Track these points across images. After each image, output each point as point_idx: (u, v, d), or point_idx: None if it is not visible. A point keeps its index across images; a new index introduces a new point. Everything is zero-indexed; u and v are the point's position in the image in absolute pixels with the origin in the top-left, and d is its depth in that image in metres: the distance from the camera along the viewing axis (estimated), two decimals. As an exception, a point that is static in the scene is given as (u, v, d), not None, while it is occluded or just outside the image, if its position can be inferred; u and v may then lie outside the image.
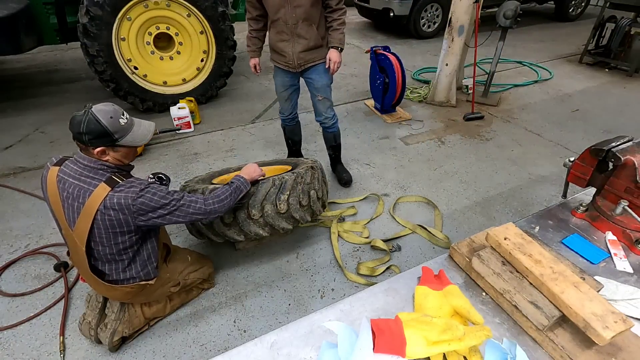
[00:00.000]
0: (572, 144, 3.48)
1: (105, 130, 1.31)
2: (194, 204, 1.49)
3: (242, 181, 1.70)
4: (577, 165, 1.30)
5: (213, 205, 1.54)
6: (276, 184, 1.86)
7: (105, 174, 1.38)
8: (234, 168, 2.57)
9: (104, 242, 1.42)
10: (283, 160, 2.51)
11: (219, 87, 4.22)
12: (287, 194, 1.86)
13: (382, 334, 0.80)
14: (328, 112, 2.57)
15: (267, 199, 1.83)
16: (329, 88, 2.47)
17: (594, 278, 0.94)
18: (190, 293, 1.96)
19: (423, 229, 2.41)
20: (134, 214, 1.37)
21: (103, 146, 1.35)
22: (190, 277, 1.84)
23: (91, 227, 1.37)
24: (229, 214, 1.81)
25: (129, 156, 1.47)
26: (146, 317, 1.77)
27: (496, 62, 4.10)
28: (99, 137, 1.32)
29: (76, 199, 1.36)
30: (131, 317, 1.71)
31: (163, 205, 1.41)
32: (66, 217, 1.41)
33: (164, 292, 1.75)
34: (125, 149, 1.42)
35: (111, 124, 1.32)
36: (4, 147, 3.36)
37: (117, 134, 1.35)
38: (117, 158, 1.42)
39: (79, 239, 1.41)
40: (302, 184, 1.93)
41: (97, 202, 1.33)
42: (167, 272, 1.74)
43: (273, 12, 2.15)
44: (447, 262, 1.12)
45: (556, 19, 8.25)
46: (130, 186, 1.37)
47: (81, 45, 3.42)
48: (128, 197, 1.34)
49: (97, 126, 1.30)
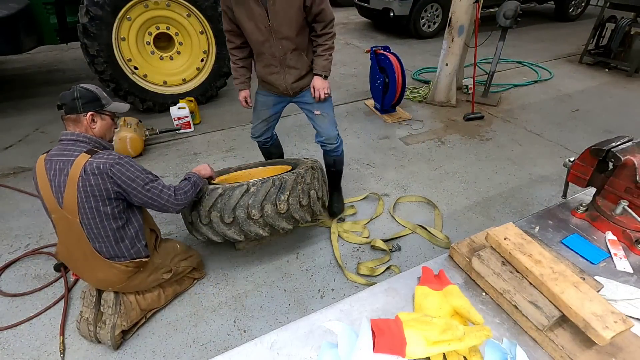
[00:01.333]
0: (572, 144, 3.48)
1: (96, 94, 1.55)
2: (165, 189, 1.61)
3: (197, 176, 1.83)
4: (577, 165, 1.30)
5: (182, 196, 1.66)
6: (276, 184, 1.86)
7: (87, 146, 1.52)
8: (234, 168, 2.57)
9: (89, 213, 1.49)
10: (283, 160, 2.50)
11: (219, 87, 4.23)
12: (287, 194, 1.86)
13: (382, 334, 0.80)
14: (329, 131, 2.18)
15: (267, 199, 1.83)
16: (326, 103, 2.14)
17: (594, 278, 0.94)
18: (183, 283, 2.00)
19: (423, 229, 2.41)
20: (111, 179, 1.47)
21: (93, 110, 1.54)
22: (181, 265, 1.91)
23: (77, 199, 1.47)
24: (229, 213, 1.81)
25: (110, 130, 1.65)
26: (142, 308, 1.80)
27: (496, 62, 4.10)
28: (90, 101, 1.53)
29: (61, 171, 1.47)
30: (127, 309, 1.74)
31: (138, 177, 1.53)
32: (54, 195, 1.49)
33: (157, 278, 1.81)
34: (108, 118, 1.62)
35: (99, 91, 1.58)
36: (4, 147, 3.36)
37: (104, 100, 1.59)
38: (102, 129, 1.59)
39: (70, 212, 1.49)
40: (302, 184, 1.93)
41: (78, 169, 1.45)
42: (158, 257, 1.81)
43: (257, 46, 1.95)
44: (447, 262, 1.12)
45: (556, 19, 8.25)
46: (109, 154, 1.50)
47: (81, 45, 3.42)
48: (107, 162, 1.46)
49: (88, 92, 1.54)
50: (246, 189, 1.83)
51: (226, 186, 1.86)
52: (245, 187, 1.84)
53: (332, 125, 2.18)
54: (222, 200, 1.83)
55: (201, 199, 1.87)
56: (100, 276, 1.64)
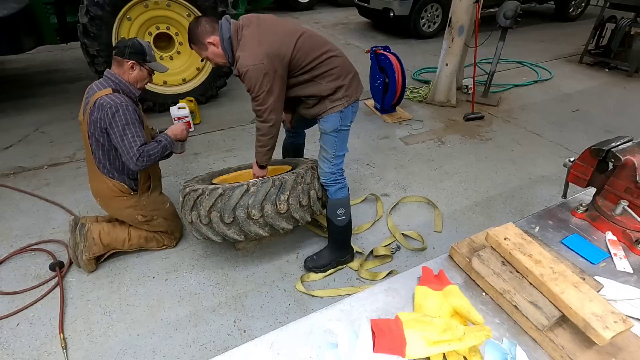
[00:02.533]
0: (572, 144, 3.48)
1: (144, 49, 1.87)
2: (134, 149, 1.81)
3: (168, 140, 1.97)
4: (577, 165, 1.30)
5: (145, 159, 1.84)
6: (276, 184, 1.86)
7: (114, 85, 1.85)
8: (234, 168, 2.57)
9: (90, 136, 1.87)
10: (283, 160, 2.50)
11: (219, 87, 4.22)
12: (287, 194, 1.86)
13: (382, 334, 0.80)
14: (322, 164, 1.98)
15: (267, 199, 1.83)
16: (326, 136, 1.93)
17: (594, 278, 0.94)
18: (150, 241, 2.21)
19: (404, 238, 2.37)
20: (104, 117, 1.78)
21: (136, 60, 1.85)
22: (157, 221, 2.15)
23: (87, 121, 1.84)
24: (229, 213, 1.81)
25: (143, 81, 1.95)
26: (104, 244, 2.09)
27: (496, 62, 4.11)
28: (137, 52, 1.85)
29: (89, 95, 1.87)
30: (90, 243, 2.05)
31: (122, 126, 1.78)
32: (83, 108, 1.90)
33: (133, 215, 2.07)
34: (145, 72, 1.93)
35: (147, 48, 1.89)
36: (4, 147, 3.36)
37: (148, 56, 1.90)
38: (136, 77, 1.91)
39: (83, 128, 1.91)
40: (302, 184, 1.92)
41: (95, 98, 1.80)
42: (144, 200, 2.08)
43: None
44: (447, 262, 1.12)
45: (556, 19, 8.25)
46: (117, 99, 1.78)
47: (81, 45, 3.41)
48: (109, 103, 1.76)
49: (139, 46, 1.86)
50: (246, 189, 1.83)
51: (226, 186, 1.86)
52: (245, 187, 1.84)
53: (323, 161, 1.98)
54: (222, 200, 1.83)
55: (201, 199, 1.87)
56: (94, 185, 2.03)
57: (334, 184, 1.99)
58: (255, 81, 1.65)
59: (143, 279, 2.11)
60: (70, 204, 2.64)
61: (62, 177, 2.96)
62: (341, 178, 2.02)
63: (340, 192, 2.01)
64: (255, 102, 1.75)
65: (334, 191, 2.00)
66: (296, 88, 1.84)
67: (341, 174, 2.02)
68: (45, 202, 2.67)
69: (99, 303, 1.97)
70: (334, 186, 2.00)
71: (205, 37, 1.72)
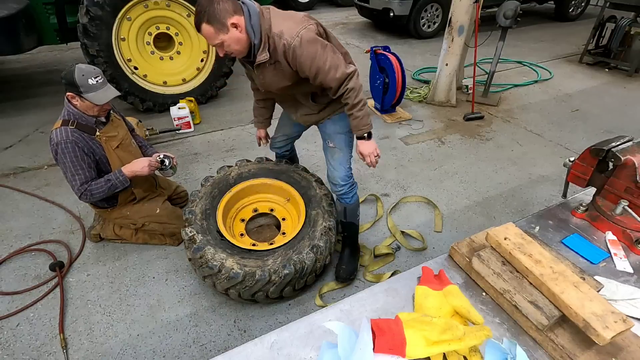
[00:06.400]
0: (572, 144, 3.48)
1: (74, 81, 1.74)
2: (78, 187, 1.88)
3: (120, 180, 1.95)
4: (577, 165, 1.30)
5: (90, 195, 1.91)
6: (297, 268, 1.76)
7: (64, 116, 1.85)
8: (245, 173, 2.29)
9: None
10: (292, 177, 2.21)
11: (219, 87, 4.22)
12: (306, 277, 1.87)
13: (382, 334, 0.80)
14: (337, 167, 1.87)
15: (288, 284, 1.80)
16: (342, 136, 1.85)
17: (594, 278, 0.94)
18: (153, 238, 2.31)
19: (405, 238, 2.37)
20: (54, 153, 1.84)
21: (71, 92, 1.79)
22: (150, 226, 2.21)
23: None
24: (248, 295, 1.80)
25: (91, 109, 1.85)
26: (116, 233, 2.28)
27: (496, 62, 4.10)
28: (68, 84, 1.77)
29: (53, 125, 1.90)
30: (105, 228, 2.29)
31: (68, 166, 1.83)
32: None
33: (124, 223, 2.21)
34: (88, 102, 1.81)
35: (80, 79, 1.74)
36: (4, 147, 3.36)
37: (82, 88, 1.76)
38: (82, 107, 1.84)
39: None
40: (320, 261, 1.88)
41: (52, 130, 1.85)
42: (127, 210, 2.17)
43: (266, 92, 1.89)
44: (447, 262, 1.12)
45: (556, 19, 8.25)
46: (59, 139, 1.79)
47: (81, 45, 3.41)
48: (54, 141, 1.79)
49: (70, 77, 1.74)
50: (268, 280, 1.73)
51: (246, 270, 1.71)
52: (267, 277, 1.72)
53: (341, 164, 1.87)
54: (241, 285, 1.74)
55: (217, 277, 1.73)
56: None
57: (351, 189, 1.92)
58: (314, 47, 1.44)
59: (143, 279, 2.11)
60: (70, 204, 2.64)
61: (62, 177, 2.93)
62: (353, 179, 1.96)
63: (355, 194, 1.96)
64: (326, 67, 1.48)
65: (352, 195, 1.94)
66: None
67: (352, 175, 1.96)
68: (45, 202, 2.67)
69: (99, 303, 1.97)
70: (351, 192, 1.93)
71: (227, 16, 1.38)
